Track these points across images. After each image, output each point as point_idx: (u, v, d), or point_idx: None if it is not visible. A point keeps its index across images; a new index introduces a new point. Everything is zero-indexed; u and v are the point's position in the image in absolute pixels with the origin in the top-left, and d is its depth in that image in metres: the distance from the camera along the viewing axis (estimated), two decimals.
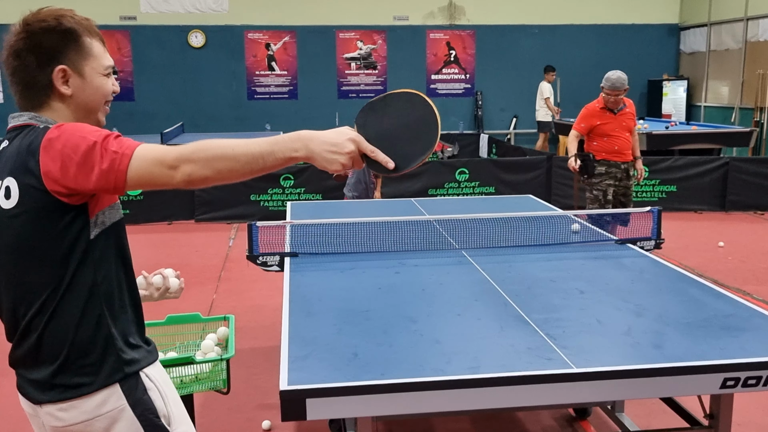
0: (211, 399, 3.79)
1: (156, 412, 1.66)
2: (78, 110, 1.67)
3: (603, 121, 5.87)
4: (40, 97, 1.63)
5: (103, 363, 1.61)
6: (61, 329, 1.59)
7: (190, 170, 1.50)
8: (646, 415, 3.54)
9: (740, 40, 11.90)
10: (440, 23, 13.22)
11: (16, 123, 1.64)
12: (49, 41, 1.61)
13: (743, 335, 2.32)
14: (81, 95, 1.65)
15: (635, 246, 3.57)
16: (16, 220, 1.55)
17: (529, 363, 2.11)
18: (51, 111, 1.64)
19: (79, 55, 1.64)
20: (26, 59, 1.61)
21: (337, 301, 2.75)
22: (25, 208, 1.54)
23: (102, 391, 1.60)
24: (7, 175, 1.57)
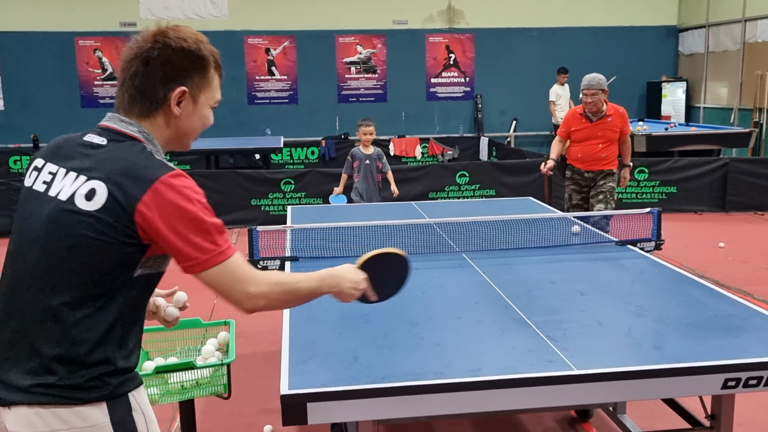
0: (212, 404, 3.79)
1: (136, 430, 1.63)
2: (176, 132, 1.71)
3: (577, 127, 5.74)
4: (150, 108, 1.66)
5: (97, 379, 1.57)
6: (71, 336, 1.56)
7: (261, 306, 1.66)
8: (648, 416, 3.54)
9: (738, 41, 11.91)
10: (439, 27, 13.24)
11: (123, 129, 1.65)
12: (182, 60, 1.65)
13: (744, 335, 2.32)
14: (186, 120, 1.70)
15: (635, 247, 3.57)
16: (85, 223, 1.55)
17: (530, 365, 2.12)
18: (152, 124, 1.67)
19: (201, 82, 1.69)
20: (154, 69, 1.63)
21: (337, 305, 2.72)
22: (102, 219, 1.54)
23: (87, 405, 1.56)
24: (98, 179, 1.56)
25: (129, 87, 1.65)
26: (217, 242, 1.60)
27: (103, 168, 1.58)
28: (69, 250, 1.56)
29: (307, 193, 8.65)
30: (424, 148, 13.00)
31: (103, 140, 1.64)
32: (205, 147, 10.40)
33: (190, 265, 1.58)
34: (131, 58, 1.64)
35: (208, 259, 1.58)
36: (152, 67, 1.63)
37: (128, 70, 1.65)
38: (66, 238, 1.56)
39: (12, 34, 12.21)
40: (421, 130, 13.30)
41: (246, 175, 8.65)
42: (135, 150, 1.61)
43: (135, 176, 1.55)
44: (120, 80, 1.68)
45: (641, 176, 8.84)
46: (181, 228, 1.55)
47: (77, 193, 1.57)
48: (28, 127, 12.32)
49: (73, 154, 1.64)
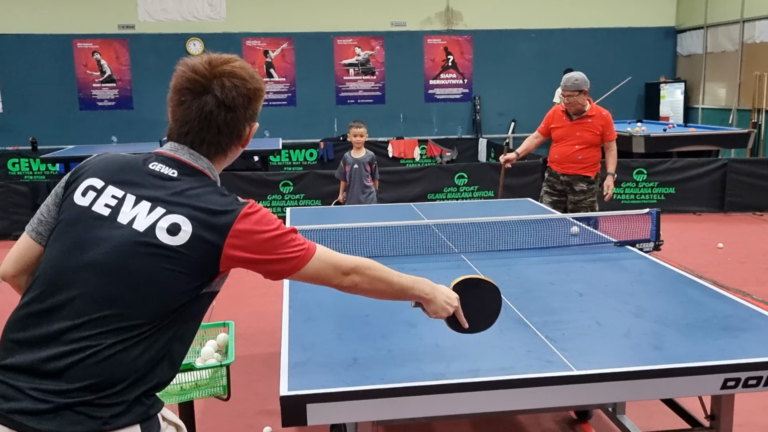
0: (211, 405, 3.79)
1: None
2: (229, 162, 1.82)
3: (557, 125, 5.57)
4: (227, 146, 1.74)
5: (135, 402, 1.56)
6: (123, 362, 1.53)
7: (358, 281, 1.80)
8: (647, 416, 3.54)
9: (737, 42, 11.93)
10: (438, 29, 13.25)
11: (193, 163, 1.69)
12: (256, 100, 1.75)
13: (743, 335, 2.32)
14: (243, 149, 1.82)
15: (634, 248, 3.57)
16: (167, 257, 1.55)
17: (529, 366, 2.11)
18: (221, 157, 1.75)
19: (259, 112, 1.79)
20: (239, 114, 1.70)
21: (336, 306, 2.75)
22: (187, 254, 1.57)
23: (123, 429, 1.54)
24: (180, 213, 1.59)
25: (205, 128, 1.68)
26: (299, 244, 1.71)
27: (183, 203, 1.60)
28: (144, 280, 1.54)
29: (306, 194, 8.65)
30: (423, 150, 13.01)
31: (174, 172, 1.65)
32: None
33: (287, 270, 1.70)
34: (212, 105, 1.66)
35: (302, 259, 1.70)
36: (239, 113, 1.70)
37: (207, 116, 1.67)
38: (143, 269, 1.55)
39: (10, 36, 12.21)
40: (419, 131, 13.30)
41: (244, 177, 8.65)
42: (209, 187, 1.67)
43: (218, 213, 1.61)
44: (184, 119, 1.69)
45: (640, 177, 8.85)
46: (269, 251, 1.66)
47: (158, 226, 1.57)
48: (27, 129, 12.31)
49: (141, 182, 1.64)
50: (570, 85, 5.38)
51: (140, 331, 1.55)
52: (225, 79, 1.67)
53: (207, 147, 1.71)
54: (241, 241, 1.61)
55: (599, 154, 5.61)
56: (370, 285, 1.83)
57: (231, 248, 1.60)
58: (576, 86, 5.36)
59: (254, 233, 1.63)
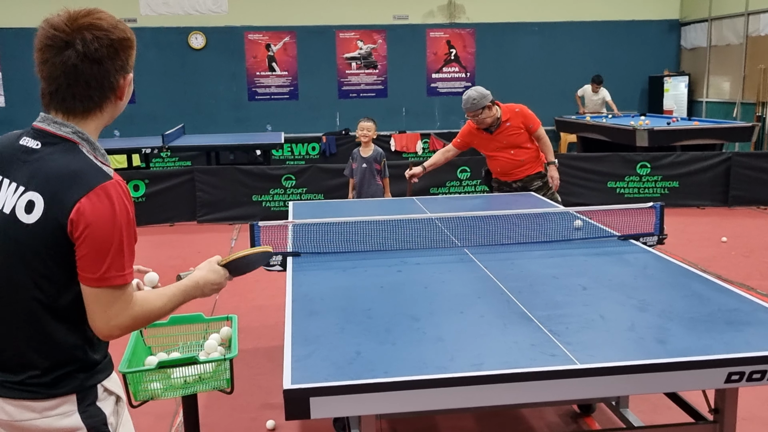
0: (214, 399, 3.79)
1: (105, 421, 1.70)
2: (114, 115, 1.74)
3: (478, 140, 5.44)
4: (98, 102, 1.66)
5: (67, 375, 1.64)
6: (41, 337, 1.61)
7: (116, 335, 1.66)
8: (651, 410, 3.53)
9: (741, 35, 11.88)
10: (440, 22, 13.21)
11: (55, 131, 1.63)
12: (124, 49, 1.67)
13: (748, 329, 2.31)
14: (124, 101, 1.73)
15: (638, 242, 3.56)
16: (31, 234, 1.57)
17: (532, 359, 2.11)
18: (95, 117, 1.67)
19: (133, 62, 1.72)
20: (106, 66, 1.63)
21: (339, 300, 2.75)
22: (44, 228, 1.56)
23: (56, 398, 1.63)
24: (35, 189, 1.58)
25: (73, 84, 1.61)
26: (127, 264, 1.61)
27: (39, 176, 1.58)
28: (15, 259, 1.59)
29: (308, 188, 8.64)
30: (425, 144, 12.99)
31: (37, 144, 1.63)
32: (206, 143, 10.40)
33: (90, 278, 1.57)
34: (75, 59, 1.59)
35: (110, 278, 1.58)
36: (106, 64, 1.62)
37: (72, 71, 1.59)
38: (17, 251, 1.58)
39: (13, 30, 12.20)
40: (421, 125, 13.28)
41: (247, 171, 8.64)
42: (68, 156, 1.60)
43: (67, 186, 1.55)
44: (51, 77, 1.61)
45: (643, 171, 8.83)
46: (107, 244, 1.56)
47: (17, 205, 1.58)
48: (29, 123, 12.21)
49: (12, 160, 1.64)
50: (470, 107, 5.19)
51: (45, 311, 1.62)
52: (86, 32, 1.60)
53: (80, 103, 1.64)
54: (79, 219, 1.54)
55: (535, 145, 5.44)
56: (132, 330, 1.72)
57: (70, 224, 1.54)
58: (476, 106, 5.18)
59: (94, 217, 1.54)
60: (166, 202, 8.44)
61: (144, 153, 9.56)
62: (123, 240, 1.58)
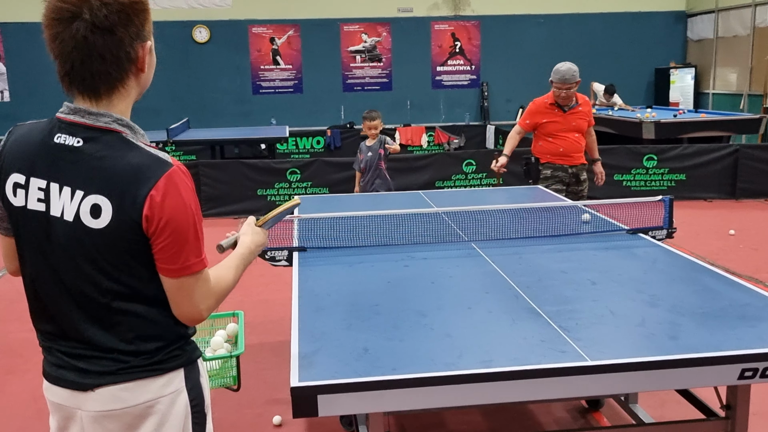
0: (220, 394, 3.78)
1: (204, 399, 1.71)
2: (142, 89, 1.65)
3: (550, 119, 5.33)
4: (120, 77, 1.55)
5: (175, 348, 1.64)
6: (141, 320, 1.59)
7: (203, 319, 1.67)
8: (660, 405, 3.51)
9: (748, 26, 11.78)
10: (445, 14, 13.14)
11: (94, 123, 1.53)
12: (138, 15, 1.55)
13: (761, 325, 2.28)
14: (149, 73, 1.63)
15: (647, 236, 3.52)
16: (106, 237, 1.52)
17: (542, 356, 2.08)
18: (122, 94, 1.58)
19: (150, 29, 1.60)
20: (120, 35, 1.50)
21: (346, 295, 2.72)
22: (118, 229, 1.51)
23: (169, 373, 1.63)
24: (97, 192, 1.50)
25: (87, 60, 1.49)
26: (201, 251, 1.59)
27: (97, 177, 1.50)
28: (95, 264, 1.54)
29: (313, 182, 8.62)
30: (430, 137, 12.95)
31: (79, 141, 1.52)
32: (210, 137, 10.37)
33: (172, 269, 1.55)
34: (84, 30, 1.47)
35: (187, 270, 1.56)
36: (119, 33, 1.50)
37: (83, 44, 1.48)
38: (90, 256, 1.54)
39: (16, 24, 12.18)
40: (426, 118, 13.23)
41: (251, 165, 8.62)
42: (121, 149, 1.52)
43: (132, 181, 1.49)
44: (63, 53, 1.50)
45: (650, 164, 8.77)
46: (184, 230, 1.53)
47: (81, 210, 1.51)
48: (34, 118, 11.96)
49: (55, 162, 1.53)
50: (570, 77, 5.17)
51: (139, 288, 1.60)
52: (108, 5, 1.48)
53: (101, 82, 1.53)
54: (153, 212, 1.49)
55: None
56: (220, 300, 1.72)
57: (146, 221, 1.50)
58: (574, 77, 5.19)
59: (168, 206, 1.50)
60: None
61: None
62: (197, 225, 1.56)
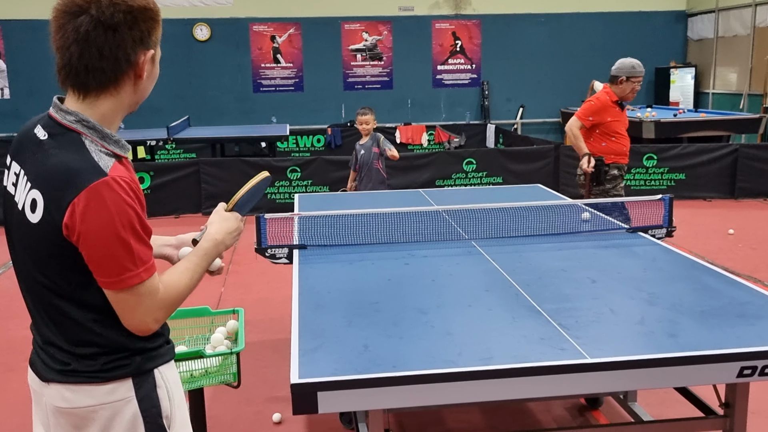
0: (220, 392, 3.79)
1: (160, 411, 1.64)
2: (138, 98, 1.62)
3: (614, 117, 5.14)
4: (112, 78, 1.53)
5: (118, 358, 1.59)
6: (82, 325, 1.56)
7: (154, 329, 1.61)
8: (659, 404, 3.51)
9: (748, 26, 11.78)
10: (446, 13, 13.14)
11: (61, 120, 1.54)
12: (145, 20, 1.54)
13: (759, 323, 2.28)
14: (147, 82, 1.61)
15: (646, 234, 3.53)
16: (37, 234, 1.52)
17: (542, 353, 2.09)
18: (111, 97, 1.55)
19: (157, 39, 1.60)
20: (122, 35, 1.50)
21: (346, 293, 2.73)
22: (45, 230, 1.51)
23: (113, 382, 1.58)
24: (37, 187, 1.50)
25: (85, 54, 1.49)
26: (140, 260, 1.51)
27: (41, 173, 1.51)
28: (32, 257, 1.56)
29: (314, 181, 8.62)
30: (431, 136, 12.94)
31: (45, 135, 1.55)
32: (211, 135, 10.38)
33: (106, 282, 1.50)
34: (88, 25, 1.48)
35: (128, 281, 1.50)
36: (122, 33, 1.50)
37: (84, 38, 1.48)
38: (30, 250, 1.56)
39: (17, 22, 12.18)
40: (427, 117, 13.23)
41: (252, 163, 8.62)
42: (68, 151, 1.50)
43: (63, 185, 1.46)
44: (63, 46, 1.50)
45: (650, 163, 8.78)
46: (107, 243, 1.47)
47: (26, 202, 1.53)
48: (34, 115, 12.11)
49: (26, 150, 1.57)
50: (639, 71, 5.10)
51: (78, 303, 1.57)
52: (117, 5, 1.49)
53: (93, 78, 1.52)
54: (73, 222, 1.45)
55: None
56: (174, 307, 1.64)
57: (66, 229, 1.46)
58: (642, 72, 5.17)
59: (87, 218, 1.44)
60: (172, 195, 8.43)
61: (149, 145, 9.55)
62: (127, 239, 1.48)
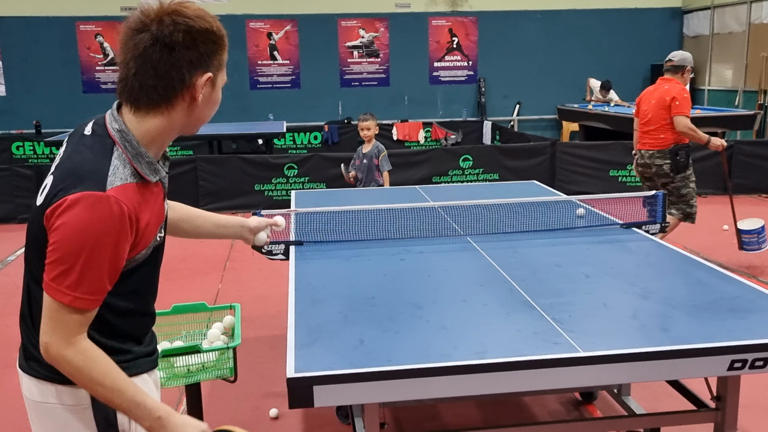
0: (217, 388, 3.81)
1: (116, 424, 1.62)
2: (195, 120, 1.62)
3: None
4: (166, 96, 1.53)
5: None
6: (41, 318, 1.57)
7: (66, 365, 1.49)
8: (652, 398, 3.55)
9: (744, 23, 11.82)
10: (442, 10, 13.15)
11: (108, 124, 1.56)
12: (206, 43, 1.54)
13: (750, 317, 2.31)
14: (205, 106, 1.60)
15: (640, 230, 3.56)
16: (38, 215, 1.53)
17: (536, 347, 2.11)
18: (161, 116, 1.55)
19: (220, 64, 1.59)
20: (180, 55, 1.50)
21: (342, 288, 2.75)
22: (38, 214, 1.53)
23: (69, 385, 1.57)
24: (52, 174, 1.54)
25: (141, 70, 1.50)
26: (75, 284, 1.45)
27: (62, 164, 1.54)
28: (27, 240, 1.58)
29: (311, 177, 8.64)
30: (427, 132, 12.97)
31: (90, 131, 1.57)
32: (208, 132, 10.36)
33: (45, 278, 1.48)
34: (147, 42, 1.49)
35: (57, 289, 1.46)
36: (178, 53, 1.50)
37: (142, 54, 1.49)
38: (29, 228, 1.58)
39: (13, 19, 12.17)
40: (424, 114, 13.25)
41: (249, 160, 8.64)
42: (89, 153, 1.51)
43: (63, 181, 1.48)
44: (123, 61, 1.52)
45: None
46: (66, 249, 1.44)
47: (43, 185, 1.57)
48: (31, 112, 12.30)
49: (70, 140, 1.62)
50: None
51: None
52: (167, 16, 1.50)
53: (145, 94, 1.52)
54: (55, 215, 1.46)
55: None
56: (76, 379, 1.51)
57: (46, 219, 1.48)
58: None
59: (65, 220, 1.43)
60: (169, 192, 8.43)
61: None
62: (87, 259, 1.44)
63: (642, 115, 5.57)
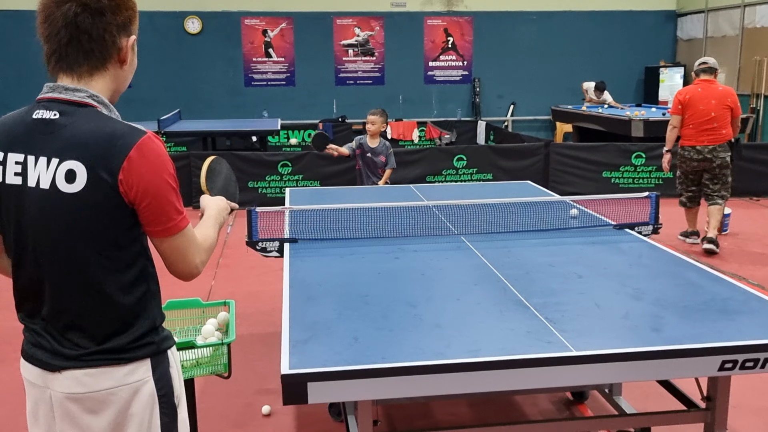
0: (210, 384, 3.81)
1: (173, 390, 1.72)
2: (120, 85, 1.69)
3: None
4: (100, 62, 1.61)
5: (141, 337, 1.65)
6: (112, 302, 1.61)
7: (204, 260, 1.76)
8: (643, 398, 3.57)
9: (737, 27, 11.88)
10: (438, 10, 13.16)
11: (70, 98, 1.59)
12: (128, 7, 1.63)
13: (741, 318, 2.33)
14: (129, 69, 1.68)
15: (633, 231, 3.58)
16: (80, 202, 1.55)
17: (528, 346, 2.13)
18: (100, 80, 1.62)
19: (136, 29, 1.68)
20: (109, 19, 1.58)
21: (336, 286, 2.76)
22: (92, 195, 1.55)
23: (134, 362, 1.64)
24: (72, 158, 1.54)
25: (75, 38, 1.56)
26: (181, 209, 1.65)
27: (72, 145, 1.55)
28: (70, 232, 1.58)
29: (305, 175, 8.64)
30: (422, 132, 12.98)
31: (55, 114, 1.58)
32: (202, 129, 10.36)
33: (161, 230, 1.62)
34: (76, 9, 1.55)
35: (175, 227, 1.63)
36: (108, 17, 1.58)
37: (73, 21, 1.55)
38: (67, 222, 1.57)
39: (6, 12, 12.11)
40: (418, 113, 13.26)
41: (243, 158, 8.63)
42: (95, 121, 1.57)
43: (112, 152, 1.53)
44: (51, 34, 1.57)
45: (638, 161, 8.85)
46: (163, 190, 1.59)
47: (57, 176, 1.56)
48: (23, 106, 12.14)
49: (32, 136, 1.60)
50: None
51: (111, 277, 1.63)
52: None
53: (83, 58, 1.59)
54: (131, 177, 1.54)
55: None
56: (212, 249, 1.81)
57: (128, 177, 1.54)
58: None
59: (144, 170, 1.55)
60: None
61: None
62: (174, 185, 1.61)
63: (701, 114, 6.09)
